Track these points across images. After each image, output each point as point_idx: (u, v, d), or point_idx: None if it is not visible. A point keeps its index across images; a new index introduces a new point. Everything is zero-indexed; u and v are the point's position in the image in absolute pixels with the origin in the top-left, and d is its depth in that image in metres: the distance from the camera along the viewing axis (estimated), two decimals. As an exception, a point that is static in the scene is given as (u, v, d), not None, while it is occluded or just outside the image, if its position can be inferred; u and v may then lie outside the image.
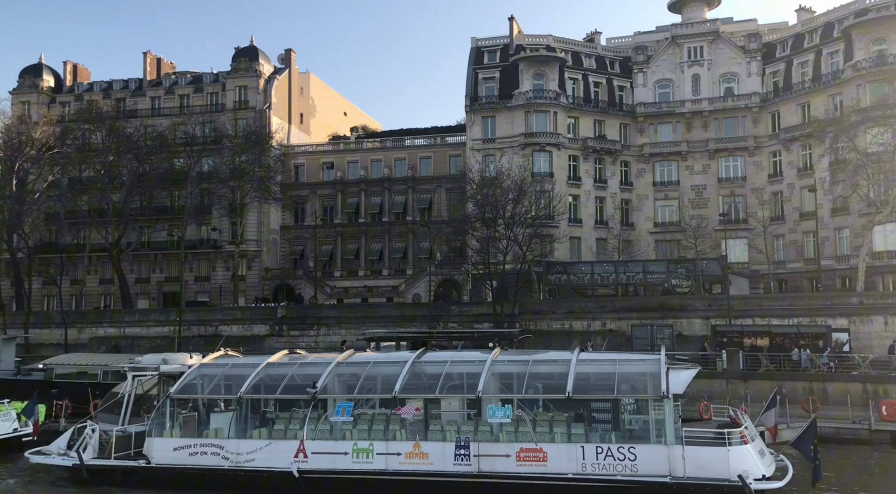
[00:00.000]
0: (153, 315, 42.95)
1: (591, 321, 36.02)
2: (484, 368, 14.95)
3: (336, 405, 14.98)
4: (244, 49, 60.09)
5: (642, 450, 13.29)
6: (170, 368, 18.02)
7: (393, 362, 16.45)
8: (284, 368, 16.84)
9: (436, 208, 57.22)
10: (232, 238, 57.03)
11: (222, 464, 15.20)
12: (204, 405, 17.01)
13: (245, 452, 15.06)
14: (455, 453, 13.94)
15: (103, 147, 46.77)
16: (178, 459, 15.54)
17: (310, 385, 15.56)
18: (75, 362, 25.78)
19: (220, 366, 17.47)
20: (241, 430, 15.65)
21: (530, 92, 52.70)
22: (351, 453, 14.38)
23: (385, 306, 41.18)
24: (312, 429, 14.85)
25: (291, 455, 14.69)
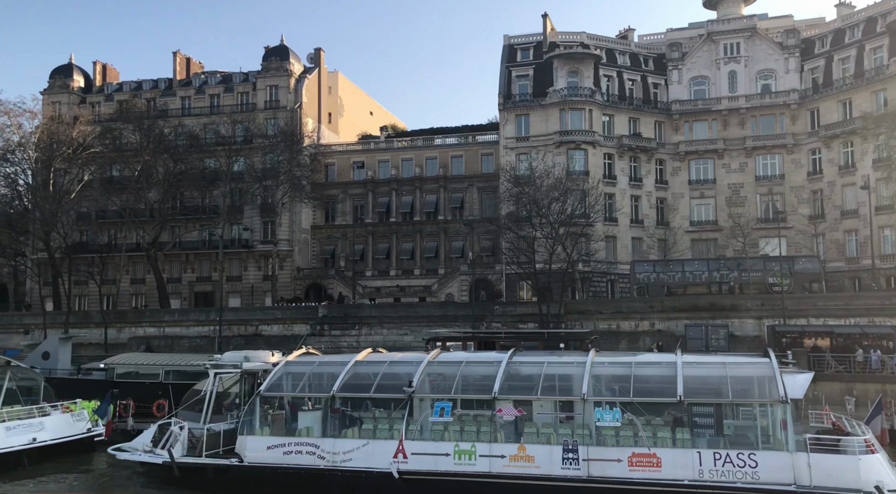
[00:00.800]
0: (192, 315, 42.87)
1: (639, 322, 35.49)
2: (585, 370, 14.56)
3: (434, 405, 14.64)
4: (274, 48, 59.98)
5: (764, 457, 12.83)
6: (252, 366, 17.77)
7: (486, 362, 16.10)
8: (374, 366, 16.53)
9: (468, 208, 56.86)
10: (264, 238, 57.01)
11: (318, 464, 14.91)
12: (289, 403, 16.73)
13: (341, 452, 14.76)
14: (563, 456, 13.56)
15: (141, 147, 46.71)
16: (271, 458, 15.28)
17: (405, 384, 15.25)
18: (136, 361, 25.63)
19: (306, 364, 17.21)
20: (332, 429, 15.36)
21: (565, 89, 52.21)
22: (452, 454, 14.04)
23: (427, 306, 40.86)
24: (411, 429, 14.53)
25: (390, 456, 14.38)
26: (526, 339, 22.30)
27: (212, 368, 17.83)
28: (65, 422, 19.87)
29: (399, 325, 38.69)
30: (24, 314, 45.65)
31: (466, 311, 38.30)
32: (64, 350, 27.75)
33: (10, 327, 43.65)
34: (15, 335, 43.60)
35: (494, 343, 21.08)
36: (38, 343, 42.84)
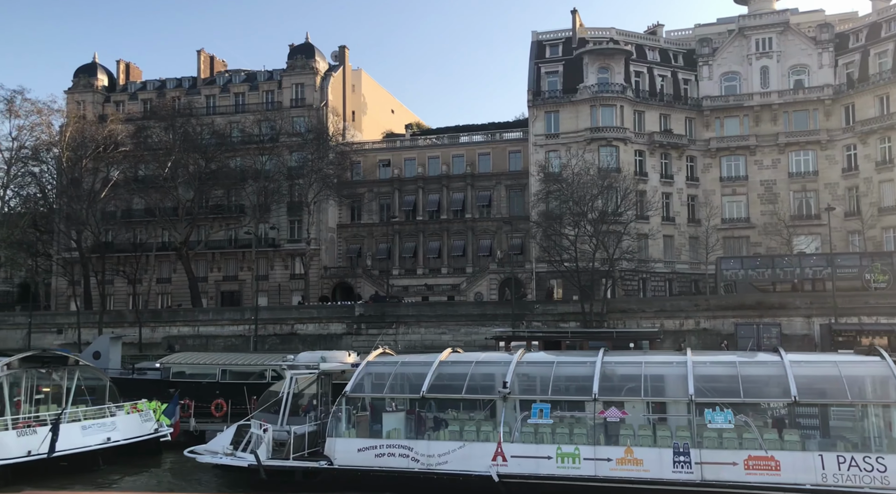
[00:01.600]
0: (227, 314, 42.61)
1: (684, 320, 35.04)
2: (687, 370, 14.14)
3: (532, 406, 14.23)
4: (300, 46, 59.68)
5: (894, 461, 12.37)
6: (330, 366, 17.41)
7: (579, 362, 15.69)
8: (460, 367, 16.13)
9: (495, 206, 56.49)
10: (291, 237, 56.76)
11: (412, 467, 14.52)
12: (370, 404, 16.33)
13: (436, 454, 14.37)
14: (674, 460, 13.15)
15: (173, 145, 46.46)
16: (362, 460, 14.89)
17: (495, 385, 14.86)
18: (192, 361, 25.32)
19: (388, 365, 16.82)
20: (420, 431, 14.96)
21: (595, 86, 51.72)
22: (555, 457, 13.64)
23: (465, 305, 40.47)
24: (508, 432, 14.13)
25: (488, 459, 13.97)
26: (593, 338, 21.85)
27: (288, 369, 17.46)
28: (134, 422, 19.56)
29: (437, 324, 38.33)
30: (56, 314, 45.53)
31: (506, 309, 37.89)
32: (114, 350, 27.50)
33: (44, 326, 43.49)
34: (48, 335, 43.43)
35: (560, 343, 20.65)
36: (72, 343, 42.79)
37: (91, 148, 47.96)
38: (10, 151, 49.80)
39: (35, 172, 50.71)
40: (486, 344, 38.01)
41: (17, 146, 50.09)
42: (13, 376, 18.10)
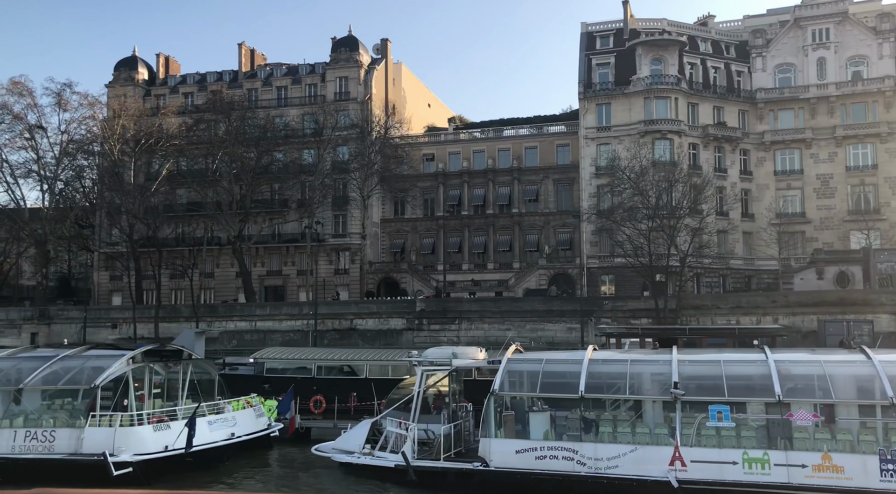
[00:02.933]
0: (285, 309, 42.11)
1: (761, 317, 34.18)
2: (877, 370, 13.34)
3: (709, 408, 13.50)
4: (343, 39, 58.98)
5: None
6: (464, 363, 16.76)
7: (745, 361, 14.93)
8: (612, 365, 15.43)
9: (542, 200, 55.69)
10: (335, 232, 56.22)
11: (578, 470, 13.84)
12: (509, 403, 15.66)
13: (605, 457, 13.67)
14: (881, 468, 12.37)
15: (230, 138, 45.93)
16: (521, 463, 14.21)
17: (657, 384, 14.18)
18: (286, 356, 24.77)
19: (531, 362, 16.13)
20: (582, 432, 14.27)
21: (649, 77, 50.79)
22: (741, 463, 12.91)
23: (531, 301, 39.76)
24: (687, 435, 13.40)
25: (665, 463, 13.24)
26: (712, 336, 21.11)
27: (419, 365, 16.82)
28: (251, 418, 19.01)
29: (500, 320, 37.66)
30: (110, 308, 45.23)
31: (573, 306, 37.18)
32: (199, 345, 27.01)
33: (98, 321, 43.18)
34: (102, 329, 43.12)
35: (676, 340, 19.90)
36: (127, 338, 42.45)
37: (143, 141, 47.50)
38: (59, 146, 49.46)
39: (84, 166, 50.33)
40: (552, 340, 37.41)
41: (65, 140, 49.77)
42: (138, 370, 17.58)
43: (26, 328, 42.51)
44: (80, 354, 18.23)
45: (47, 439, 15.96)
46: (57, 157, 49.48)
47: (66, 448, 15.89)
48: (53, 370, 17.34)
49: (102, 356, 17.94)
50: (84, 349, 18.76)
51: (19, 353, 18.80)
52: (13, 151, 49.03)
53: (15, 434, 16.08)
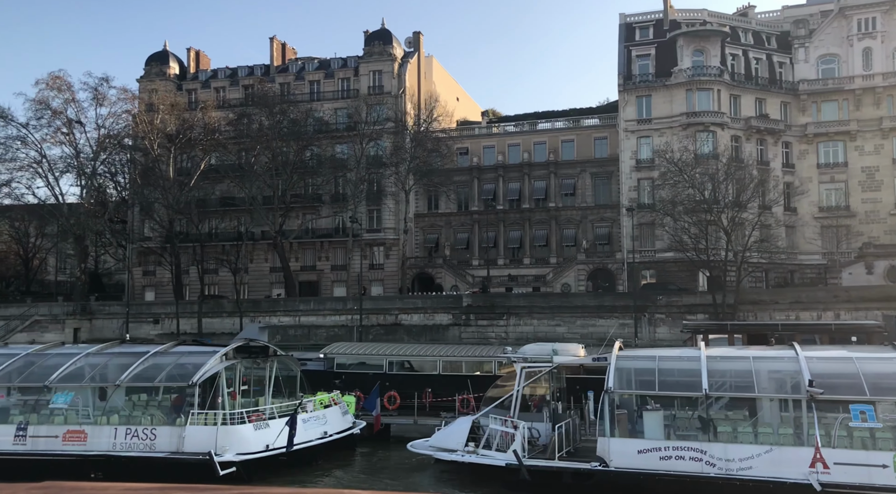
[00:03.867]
0: (329, 304, 41.84)
1: (822, 312, 33.49)
2: None
3: (850, 408, 12.96)
4: (376, 33, 58.45)
5: None
6: (566, 360, 16.30)
7: (879, 358, 14.39)
8: (735, 363, 14.92)
9: (580, 194, 55.05)
10: (369, 227, 55.88)
11: (707, 471, 13.36)
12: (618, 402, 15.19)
13: (737, 458, 13.19)
14: None
15: (272, 132, 45.60)
16: (644, 463, 13.75)
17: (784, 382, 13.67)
18: (356, 351, 24.42)
19: (644, 359, 15.66)
20: (707, 433, 13.80)
21: (690, 69, 49.95)
22: (892, 466, 12.37)
23: (581, 297, 39.25)
24: (825, 436, 12.88)
25: (804, 465, 12.71)
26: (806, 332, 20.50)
27: (518, 361, 16.39)
28: (339, 416, 18.67)
29: (550, 316, 37.18)
30: (152, 303, 45.10)
31: (626, 301, 36.62)
32: (263, 340, 26.74)
33: (140, 316, 43.07)
34: (144, 325, 43.02)
35: (765, 337, 19.34)
36: (170, 333, 42.33)
37: (182, 136, 47.28)
38: (96, 140, 49.35)
39: (121, 161, 50.20)
40: (604, 336, 36.82)
41: (103, 134, 49.65)
42: (230, 367, 17.25)
43: (69, 323, 42.51)
44: (168, 350, 17.94)
45: (148, 437, 15.68)
46: (94, 151, 49.39)
47: (168, 446, 15.60)
48: (146, 367, 17.05)
49: (193, 352, 17.63)
50: (172, 345, 18.47)
51: (106, 349, 18.53)
52: (51, 146, 48.96)
53: (115, 431, 15.82)
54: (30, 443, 15.93)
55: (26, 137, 47.98)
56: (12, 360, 17.65)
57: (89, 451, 15.72)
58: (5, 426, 16.23)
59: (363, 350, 24.50)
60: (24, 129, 47.94)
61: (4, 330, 42.08)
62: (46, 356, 17.91)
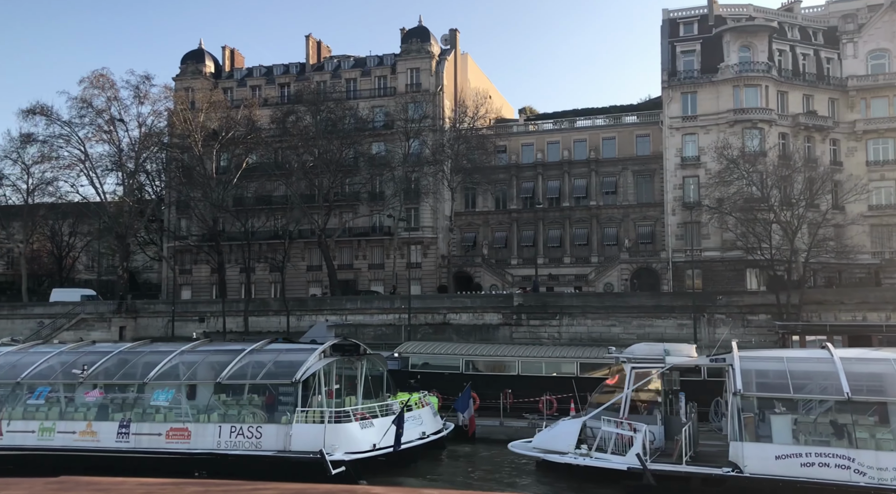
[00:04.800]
0: (376, 302, 41.44)
1: (891, 313, 32.56)
2: None
3: None
4: (414, 30, 58.08)
5: None
6: (679, 360, 15.71)
7: None
8: (874, 365, 14.26)
9: (621, 192, 54.34)
10: (407, 225, 55.48)
11: (856, 480, 12.69)
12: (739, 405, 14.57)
13: (891, 467, 12.53)
14: None
15: (317, 130, 45.34)
16: (784, 470, 13.13)
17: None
18: (431, 350, 23.98)
19: (770, 360, 15.05)
20: (846, 439, 13.15)
21: (737, 65, 49.09)
22: None
23: (638, 296, 38.52)
24: None
25: (966, 474, 12.11)
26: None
27: (627, 362, 15.82)
28: (430, 416, 18.20)
29: (605, 316, 36.50)
30: (197, 302, 44.98)
31: (683, 301, 35.87)
32: (331, 338, 26.29)
33: (185, 314, 42.92)
34: (189, 323, 42.82)
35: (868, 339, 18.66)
36: (215, 331, 42.12)
37: (225, 134, 47.15)
38: (138, 139, 49.34)
39: (164, 158, 50.17)
40: (661, 337, 36.07)
41: (144, 132, 49.65)
42: (329, 365, 16.84)
43: (115, 321, 42.45)
44: (263, 348, 17.57)
45: (254, 435, 15.31)
46: (136, 150, 49.39)
47: (275, 444, 15.21)
48: (243, 365, 16.69)
49: (290, 349, 17.26)
50: (265, 343, 18.10)
51: (199, 347, 18.20)
52: (93, 144, 49.02)
53: (219, 429, 15.45)
54: (133, 441, 15.63)
55: (70, 135, 48.06)
56: (106, 358, 17.36)
57: (193, 449, 15.38)
58: (107, 423, 15.91)
59: (437, 350, 24.02)
60: (67, 126, 48.02)
61: (51, 328, 42.09)
62: (139, 353, 17.62)
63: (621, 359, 16.26)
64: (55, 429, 15.84)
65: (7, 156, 49.52)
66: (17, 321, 45.20)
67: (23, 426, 16.10)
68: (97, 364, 16.91)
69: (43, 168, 48.52)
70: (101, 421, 15.84)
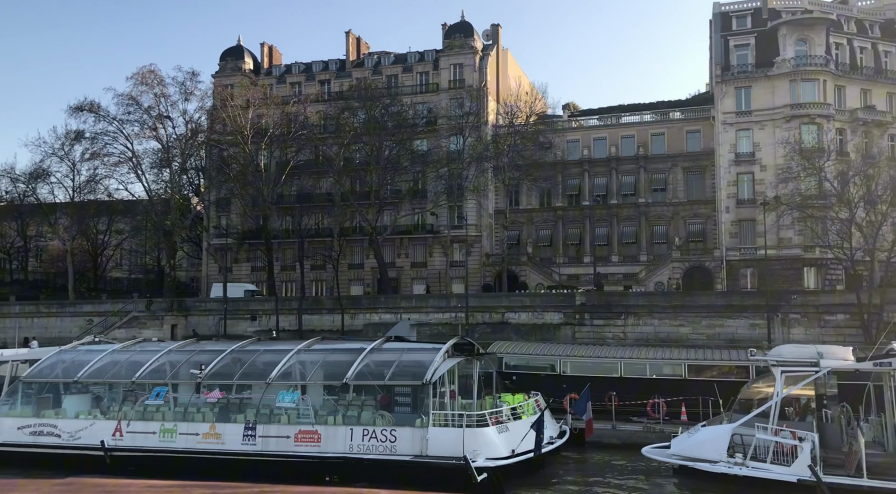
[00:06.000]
0: (432, 301, 40.76)
1: (980, 313, 31.37)
2: None
3: None
4: (456, 25, 57.33)
5: None
6: (836, 364, 14.81)
7: None
8: None
9: (671, 189, 53.30)
10: (449, 223, 54.81)
11: None
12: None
13: None
14: None
15: (370, 127, 44.73)
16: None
17: None
18: (524, 351, 23.24)
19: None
20: None
21: (794, 59, 47.90)
22: None
23: (708, 295, 37.56)
24: None
25: None
26: None
27: (776, 366, 14.94)
28: (550, 419, 17.45)
29: (672, 315, 35.60)
30: (248, 300, 44.42)
31: (755, 300, 34.89)
32: (412, 337, 25.72)
33: (236, 313, 42.42)
34: (241, 322, 42.37)
35: None
36: (266, 330, 41.59)
37: (274, 131, 46.66)
38: (183, 136, 48.98)
39: (212, 156, 49.77)
40: (732, 337, 35.16)
41: (191, 129, 49.28)
42: (454, 366, 16.12)
43: (168, 319, 42.06)
44: (381, 347, 16.88)
45: (388, 438, 14.61)
46: (182, 147, 49.02)
47: (411, 448, 14.50)
48: (366, 364, 16.01)
49: (412, 349, 16.56)
50: (383, 342, 17.40)
51: (314, 345, 17.54)
52: (141, 141, 48.70)
53: (351, 432, 14.76)
54: (260, 443, 14.98)
55: (117, 132, 47.75)
56: (219, 357, 16.75)
57: (324, 453, 14.70)
58: (232, 425, 15.28)
59: (530, 350, 23.25)
60: (113, 122, 47.71)
61: (102, 326, 41.77)
62: (253, 352, 17.02)
63: (770, 363, 15.38)
64: (177, 431, 15.26)
65: (54, 153, 49.33)
66: (65, 319, 44.97)
67: (143, 427, 15.55)
68: (213, 364, 16.30)
69: (94, 165, 48.25)
70: (224, 423, 15.22)
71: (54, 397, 17.33)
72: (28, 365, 18.54)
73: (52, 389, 17.47)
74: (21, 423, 16.52)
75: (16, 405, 16.96)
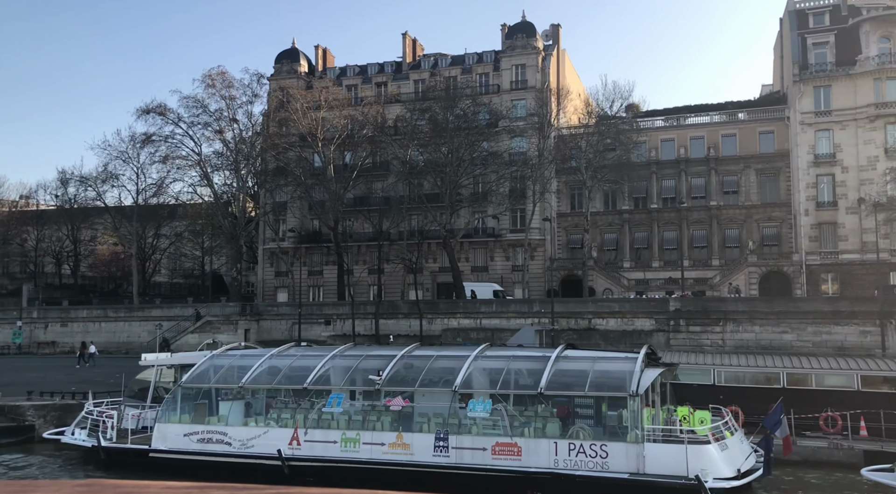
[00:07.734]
0: (513, 306, 39.62)
1: None
2: None
3: None
4: (518, 25, 56.44)
5: None
6: None
7: None
8: None
9: (743, 192, 51.76)
10: (512, 226, 53.74)
11: None
12: None
13: None
14: None
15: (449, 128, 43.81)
16: None
17: None
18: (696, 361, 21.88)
19: None
20: None
21: (877, 56, 46.34)
22: None
23: (812, 301, 36.08)
24: None
25: None
26: None
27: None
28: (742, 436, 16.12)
29: (775, 322, 34.09)
30: (323, 304, 43.61)
31: (866, 306, 33.26)
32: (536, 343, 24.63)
33: (309, 317, 41.56)
34: (315, 326, 41.49)
35: None
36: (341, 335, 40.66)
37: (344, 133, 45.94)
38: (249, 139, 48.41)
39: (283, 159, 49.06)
40: (841, 345, 33.61)
41: (256, 132, 48.72)
42: (658, 376, 14.92)
43: (241, 324, 41.31)
44: (562, 354, 15.71)
45: (598, 453, 13.44)
46: (248, 150, 48.46)
47: (625, 466, 13.31)
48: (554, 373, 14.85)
49: (603, 357, 15.41)
50: (563, 349, 16.26)
51: (490, 351, 16.44)
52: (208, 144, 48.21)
53: (555, 446, 13.63)
54: (454, 455, 13.88)
55: (184, 135, 47.30)
56: (392, 362, 15.72)
57: (527, 467, 13.57)
58: (421, 435, 14.20)
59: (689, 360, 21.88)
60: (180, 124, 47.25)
61: (176, 331, 41.11)
62: (425, 357, 16.04)
63: None
64: (360, 440, 14.20)
65: (118, 156, 48.98)
66: (133, 324, 44.42)
67: (322, 436, 14.53)
68: (388, 370, 15.27)
69: (165, 168, 47.77)
70: (411, 432, 14.16)
71: (209, 403, 16.45)
72: (173, 370, 17.74)
73: (205, 395, 16.61)
74: (187, 430, 15.63)
75: (179, 412, 16.10)
